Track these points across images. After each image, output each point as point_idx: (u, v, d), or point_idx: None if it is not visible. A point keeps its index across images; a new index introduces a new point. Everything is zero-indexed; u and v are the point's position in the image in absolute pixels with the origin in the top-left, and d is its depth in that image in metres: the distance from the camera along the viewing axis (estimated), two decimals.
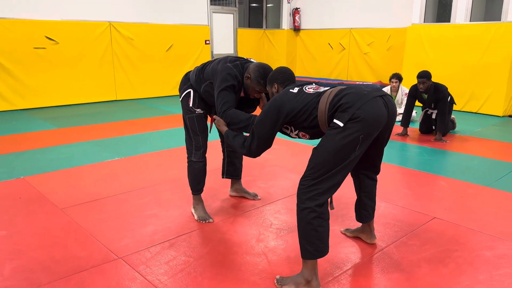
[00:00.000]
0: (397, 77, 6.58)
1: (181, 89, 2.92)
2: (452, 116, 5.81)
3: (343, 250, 2.54)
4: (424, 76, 5.23)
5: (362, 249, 2.55)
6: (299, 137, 2.32)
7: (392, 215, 3.04)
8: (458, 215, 3.04)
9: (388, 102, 2.09)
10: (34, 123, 6.10)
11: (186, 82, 2.90)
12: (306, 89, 2.20)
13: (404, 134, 5.59)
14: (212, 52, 9.65)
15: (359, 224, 2.69)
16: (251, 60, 2.78)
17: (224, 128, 2.56)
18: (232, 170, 3.28)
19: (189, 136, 2.91)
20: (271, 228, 2.83)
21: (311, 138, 2.28)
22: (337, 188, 2.06)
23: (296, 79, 2.63)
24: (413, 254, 2.49)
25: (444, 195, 3.44)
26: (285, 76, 2.39)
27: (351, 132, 1.96)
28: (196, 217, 2.93)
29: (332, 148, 1.99)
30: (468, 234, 2.75)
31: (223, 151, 3.29)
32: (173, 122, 6.36)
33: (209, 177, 3.81)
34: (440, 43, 7.49)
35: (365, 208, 2.53)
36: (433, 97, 5.38)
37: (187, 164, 2.97)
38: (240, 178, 3.33)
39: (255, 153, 2.32)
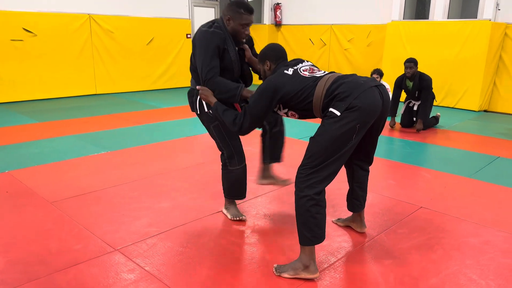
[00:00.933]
0: (378, 73, 6.70)
1: (191, 102, 2.71)
2: (438, 113, 6.00)
3: (336, 239, 2.61)
4: (411, 61, 5.44)
5: (353, 238, 2.63)
6: (287, 116, 2.36)
7: (380, 205, 3.14)
8: (443, 204, 3.16)
9: (383, 92, 2.14)
10: (13, 117, 5.95)
11: (191, 94, 2.71)
12: (301, 71, 2.23)
13: (393, 125, 5.74)
14: None
15: (349, 214, 2.77)
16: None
17: (213, 99, 2.44)
18: (277, 153, 2.91)
19: (219, 146, 2.69)
20: (265, 218, 2.88)
21: (300, 118, 2.32)
22: (334, 176, 2.13)
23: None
24: (403, 241, 2.58)
25: (429, 186, 3.57)
26: (277, 53, 2.39)
27: (348, 121, 2.02)
28: (229, 216, 2.83)
29: (329, 137, 2.05)
30: (453, 222, 2.86)
31: (262, 134, 2.88)
32: (156, 116, 6.31)
33: (198, 170, 3.83)
34: (418, 39, 7.67)
35: (357, 198, 2.60)
36: (417, 86, 5.54)
37: (221, 170, 2.78)
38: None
39: (246, 131, 2.31)
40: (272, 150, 2.89)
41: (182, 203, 3.09)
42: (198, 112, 2.69)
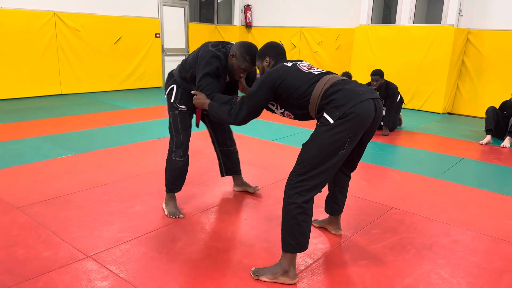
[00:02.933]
0: (347, 76, 6.83)
1: (165, 86, 2.87)
2: (400, 113, 6.16)
3: (312, 241, 2.61)
4: (377, 74, 5.53)
5: (329, 239, 2.65)
6: (283, 116, 2.36)
7: (353, 206, 3.18)
8: (413, 204, 3.25)
9: (377, 104, 2.12)
10: None
11: (169, 78, 2.86)
12: (300, 66, 2.23)
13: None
14: (162, 46, 9.45)
15: (325, 215, 2.80)
16: (232, 43, 2.72)
17: (206, 101, 2.47)
18: (232, 167, 3.25)
19: (171, 133, 2.83)
20: (241, 222, 2.86)
21: (295, 118, 2.33)
22: (324, 185, 2.12)
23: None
24: (376, 242, 2.63)
25: (399, 187, 3.65)
26: (278, 50, 2.40)
27: (341, 130, 2.01)
28: (166, 212, 2.89)
29: (321, 144, 2.04)
30: (424, 222, 2.95)
31: (215, 150, 3.23)
32: (124, 117, 6.17)
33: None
34: (385, 43, 7.87)
35: (336, 202, 2.62)
36: (384, 95, 5.68)
37: (166, 161, 2.89)
38: (241, 173, 3.32)
39: (242, 121, 2.30)
40: (227, 165, 3.24)
41: (155, 206, 3.03)
42: (166, 97, 2.88)
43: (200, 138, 4.55)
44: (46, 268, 2.20)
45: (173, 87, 2.80)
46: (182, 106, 2.78)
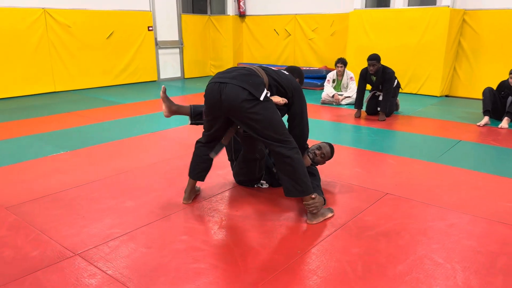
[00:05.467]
0: (342, 62, 6.75)
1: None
2: (397, 98, 6.08)
3: (303, 231, 2.58)
4: (374, 58, 5.44)
5: (320, 229, 2.60)
6: None
7: (347, 193, 3.14)
8: (408, 190, 3.19)
9: (222, 88, 2.48)
10: None
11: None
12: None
13: (358, 116, 5.78)
14: (156, 39, 9.35)
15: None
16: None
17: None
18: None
19: None
20: (233, 215, 2.82)
21: None
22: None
23: (244, 65, 2.80)
24: (370, 229, 2.58)
25: (394, 172, 3.60)
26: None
27: None
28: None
29: None
30: (419, 207, 2.90)
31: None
32: (116, 112, 6.12)
33: (162, 167, 3.73)
34: (380, 27, 7.76)
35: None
36: (380, 79, 5.60)
37: None
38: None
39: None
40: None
41: (146, 202, 2.99)
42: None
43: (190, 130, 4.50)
44: (33, 268, 2.17)
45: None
46: None
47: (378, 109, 5.76)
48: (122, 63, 8.84)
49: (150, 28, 9.15)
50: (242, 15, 10.25)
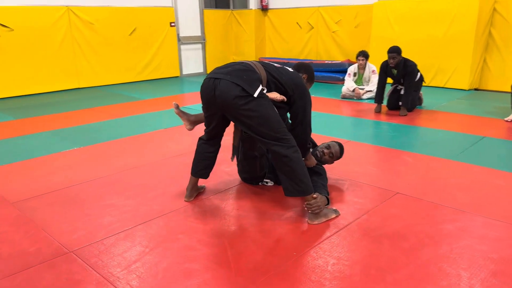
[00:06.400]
0: (364, 55, 6.54)
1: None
2: (420, 92, 5.83)
3: (303, 231, 2.48)
4: (394, 51, 5.23)
5: (322, 229, 2.49)
6: None
7: (355, 192, 3.01)
8: (421, 189, 3.03)
9: (216, 84, 2.41)
10: None
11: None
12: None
13: (378, 111, 5.58)
14: (178, 34, 9.38)
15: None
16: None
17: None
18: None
19: None
20: (235, 212, 2.75)
21: None
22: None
23: (267, 60, 2.70)
24: (374, 231, 2.45)
25: (408, 170, 3.43)
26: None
27: None
28: None
29: None
30: (430, 208, 2.74)
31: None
32: (136, 108, 6.16)
33: (168, 164, 3.70)
34: (405, 18, 7.47)
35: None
36: (402, 73, 5.38)
37: None
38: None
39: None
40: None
41: (149, 199, 2.96)
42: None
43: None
44: (27, 264, 2.17)
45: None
46: None
47: (400, 103, 5.54)
48: (145, 59, 8.92)
49: (172, 24, 9.18)
50: (264, 8, 10.13)
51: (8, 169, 3.63)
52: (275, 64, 2.68)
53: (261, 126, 2.40)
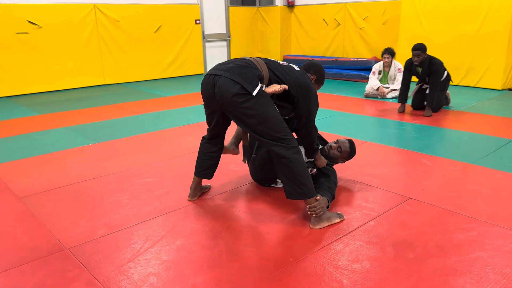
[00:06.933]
0: (389, 52, 6.31)
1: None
2: (447, 91, 5.56)
3: (304, 236, 2.38)
4: (419, 48, 5.01)
5: (324, 233, 2.38)
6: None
7: (365, 196, 2.87)
8: (436, 195, 2.86)
9: (216, 80, 2.33)
10: (16, 110, 5.97)
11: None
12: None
13: (402, 111, 5.38)
14: (203, 32, 9.39)
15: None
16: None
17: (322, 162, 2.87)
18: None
19: None
20: (237, 214, 2.68)
21: None
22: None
23: (292, 57, 2.71)
24: (380, 237, 2.32)
25: (425, 174, 3.25)
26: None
27: None
28: None
29: None
30: (443, 215, 2.57)
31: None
32: (157, 105, 6.19)
33: (181, 161, 3.66)
34: (436, 14, 7.16)
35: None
36: (427, 71, 5.15)
37: None
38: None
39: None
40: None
41: (154, 197, 2.93)
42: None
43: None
44: (23, 260, 2.18)
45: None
46: None
47: (425, 103, 5.30)
48: (170, 57, 8.97)
49: (198, 22, 9.19)
50: (290, 5, 9.99)
51: (23, 163, 3.69)
52: (281, 62, 2.59)
53: (260, 125, 2.32)
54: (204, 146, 2.76)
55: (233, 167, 3.45)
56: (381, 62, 6.50)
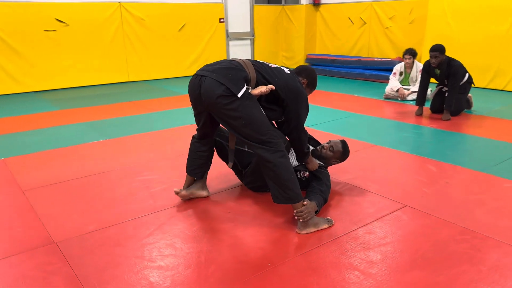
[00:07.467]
0: (411, 53, 6.12)
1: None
2: (469, 94, 5.34)
3: (275, 239, 2.35)
4: (436, 49, 4.84)
5: (309, 239, 2.34)
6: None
7: (359, 202, 2.80)
8: (435, 203, 2.75)
9: (202, 81, 2.33)
10: (39, 105, 6.21)
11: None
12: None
13: (419, 114, 5.21)
14: (227, 31, 9.43)
15: None
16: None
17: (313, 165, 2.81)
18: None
19: None
20: (224, 215, 2.68)
21: None
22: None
23: (315, 57, 2.72)
24: (365, 246, 2.25)
25: (427, 181, 3.13)
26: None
27: None
28: None
29: None
30: (437, 225, 2.47)
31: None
32: (174, 103, 6.27)
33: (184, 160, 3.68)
34: (464, 14, 6.88)
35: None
36: (445, 73, 4.96)
37: None
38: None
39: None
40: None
41: (148, 195, 2.97)
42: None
43: None
44: (11, 252, 2.26)
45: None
46: None
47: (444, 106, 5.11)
48: (193, 55, 9.07)
49: (222, 20, 9.24)
50: (316, 3, 9.86)
51: (34, 157, 3.83)
52: (271, 65, 2.56)
53: (245, 127, 2.30)
54: (194, 145, 2.77)
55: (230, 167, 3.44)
56: (403, 63, 6.31)
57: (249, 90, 2.34)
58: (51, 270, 2.09)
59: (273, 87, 2.40)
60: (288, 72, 2.57)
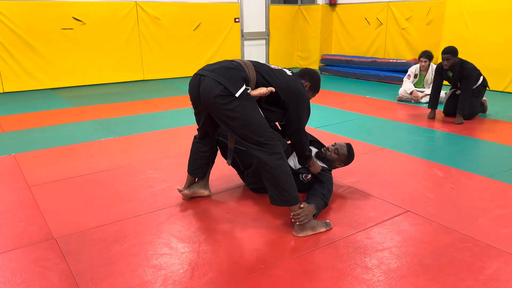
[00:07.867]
0: (427, 56, 6.01)
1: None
2: (484, 98, 5.21)
3: (272, 242, 2.33)
4: (448, 52, 4.74)
5: (305, 242, 2.32)
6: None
7: (360, 206, 2.76)
8: (438, 209, 2.69)
9: (201, 81, 2.32)
10: (54, 102, 6.32)
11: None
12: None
13: (432, 117, 5.11)
14: (242, 30, 9.43)
15: None
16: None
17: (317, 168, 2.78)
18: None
19: None
20: (222, 216, 2.68)
21: None
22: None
23: (331, 57, 2.73)
24: (361, 252, 2.22)
25: (433, 186, 3.07)
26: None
27: None
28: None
29: None
30: (438, 231, 2.42)
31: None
32: (187, 102, 6.27)
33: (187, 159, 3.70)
34: (482, 15, 6.72)
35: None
36: (458, 76, 4.86)
37: None
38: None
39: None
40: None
41: (149, 194, 3.00)
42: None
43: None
44: (12, 246, 2.31)
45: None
46: None
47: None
48: (208, 54, 9.10)
49: (237, 20, 9.24)
50: (332, 3, 9.78)
51: (43, 153, 3.91)
52: (272, 66, 2.54)
53: (243, 128, 2.29)
54: (196, 145, 2.78)
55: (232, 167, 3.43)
56: (417, 65, 6.21)
57: (248, 91, 2.33)
58: (48, 266, 2.12)
59: (272, 89, 2.38)
60: (290, 74, 2.55)
